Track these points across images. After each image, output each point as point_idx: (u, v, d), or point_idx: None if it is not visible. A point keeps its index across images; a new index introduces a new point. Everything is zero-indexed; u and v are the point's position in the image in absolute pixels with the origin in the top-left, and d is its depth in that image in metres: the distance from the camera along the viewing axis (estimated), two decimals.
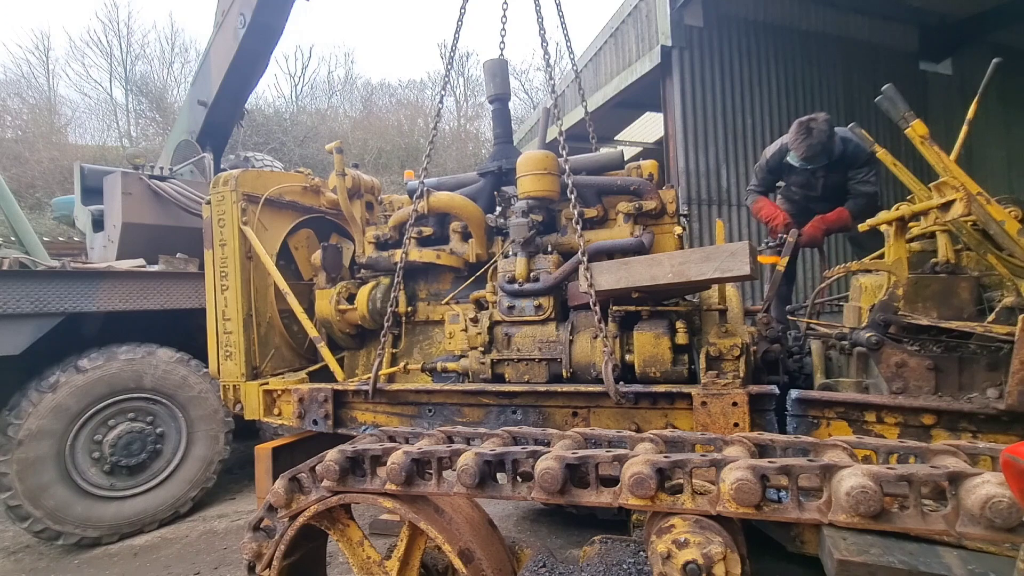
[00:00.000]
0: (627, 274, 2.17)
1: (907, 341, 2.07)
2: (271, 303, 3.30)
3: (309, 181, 3.56)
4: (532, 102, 26.01)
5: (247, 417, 3.10)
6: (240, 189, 3.12)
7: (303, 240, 3.62)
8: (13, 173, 14.00)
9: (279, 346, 3.36)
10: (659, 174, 2.74)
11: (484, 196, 3.03)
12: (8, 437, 3.34)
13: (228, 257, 3.11)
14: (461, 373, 2.72)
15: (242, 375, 3.09)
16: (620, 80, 9.82)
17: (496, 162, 3.02)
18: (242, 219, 3.11)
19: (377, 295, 3.12)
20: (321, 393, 2.79)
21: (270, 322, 3.30)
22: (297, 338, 3.43)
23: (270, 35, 5.32)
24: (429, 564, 1.98)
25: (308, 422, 2.83)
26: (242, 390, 3.09)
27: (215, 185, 3.18)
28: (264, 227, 3.26)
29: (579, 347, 2.46)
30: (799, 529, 2.01)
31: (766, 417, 2.11)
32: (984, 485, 1.17)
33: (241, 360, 3.09)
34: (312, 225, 3.66)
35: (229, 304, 3.11)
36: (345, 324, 3.22)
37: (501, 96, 3.09)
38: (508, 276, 2.62)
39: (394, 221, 3.15)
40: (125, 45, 21.85)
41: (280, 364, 3.35)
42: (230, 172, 3.17)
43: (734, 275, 1.99)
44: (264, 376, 3.19)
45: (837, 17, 10.22)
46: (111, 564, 3.40)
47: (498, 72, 3.06)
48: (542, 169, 2.59)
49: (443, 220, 3.11)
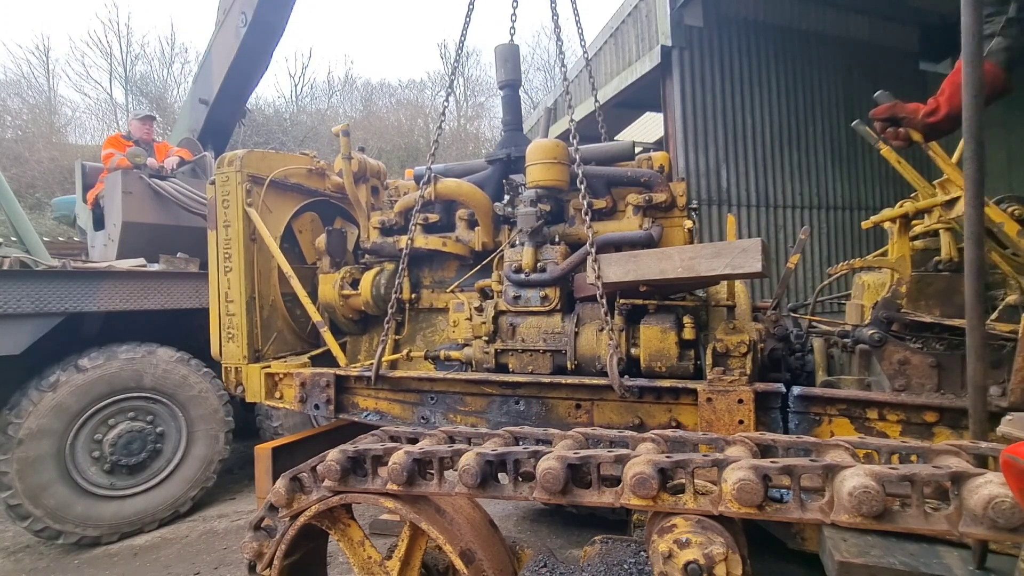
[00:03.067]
0: (636, 267, 2.15)
1: (910, 339, 2.07)
2: (274, 286, 3.27)
3: (314, 164, 3.53)
4: (532, 102, 26.00)
5: (248, 399, 3.07)
6: (245, 170, 3.09)
7: (307, 223, 3.59)
8: (13, 173, 14.00)
9: (281, 329, 3.34)
10: (670, 166, 2.71)
11: (492, 184, 2.99)
12: (8, 436, 3.34)
13: (232, 238, 3.08)
14: (464, 362, 2.70)
15: (244, 358, 3.08)
16: (620, 80, 9.82)
17: (505, 149, 2.98)
18: (247, 200, 3.08)
19: (381, 281, 3.10)
20: (323, 378, 2.78)
21: (273, 305, 3.28)
22: (300, 322, 3.41)
23: (271, 34, 5.32)
24: (430, 564, 1.97)
25: (310, 406, 2.81)
26: (244, 372, 3.07)
27: (220, 165, 3.14)
28: (268, 209, 3.23)
29: (584, 339, 2.44)
30: (800, 526, 2.01)
31: (771, 415, 2.10)
32: (987, 485, 1.17)
33: (243, 342, 3.07)
34: (317, 208, 3.64)
35: (232, 286, 3.08)
36: (348, 309, 3.20)
37: (512, 82, 3.03)
38: (515, 266, 2.59)
39: (400, 207, 3.11)
40: (125, 45, 21.87)
41: (282, 347, 3.33)
42: (235, 152, 3.13)
43: (745, 272, 1.97)
44: (266, 359, 3.17)
45: (837, 17, 10.22)
46: (111, 564, 3.40)
47: (510, 58, 3.00)
48: (552, 158, 2.56)
49: (449, 207, 3.07)
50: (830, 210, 10.27)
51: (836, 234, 10.33)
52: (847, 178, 10.40)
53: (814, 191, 10.09)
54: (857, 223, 9.92)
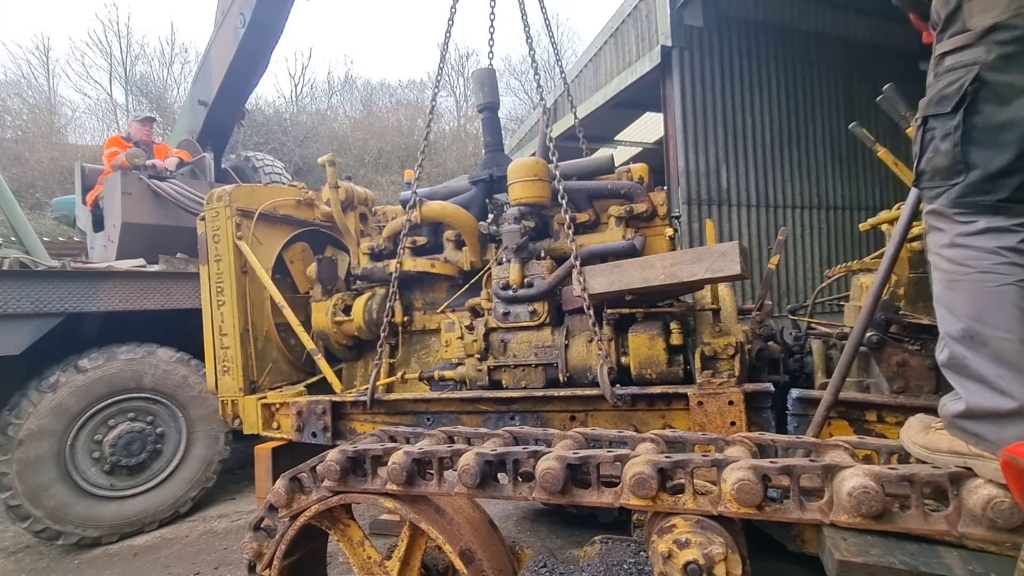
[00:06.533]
0: (620, 277, 2.18)
1: (908, 341, 2.07)
2: (267, 317, 3.30)
3: (303, 195, 3.57)
4: (532, 102, 26.02)
5: (246, 432, 3.08)
6: (234, 204, 3.12)
7: (298, 253, 3.62)
8: (13, 173, 14.00)
9: (276, 360, 3.35)
10: (650, 177, 2.74)
11: (476, 204, 3.03)
12: (8, 437, 3.34)
13: (224, 272, 3.11)
14: (459, 381, 2.72)
15: (240, 390, 3.09)
16: (620, 80, 9.82)
17: (487, 170, 3.03)
18: (237, 234, 3.11)
19: (373, 306, 3.12)
20: (319, 405, 2.79)
21: (267, 336, 3.30)
22: (294, 351, 3.43)
23: (270, 35, 5.32)
24: (430, 564, 1.98)
25: (307, 435, 2.82)
26: (240, 405, 3.09)
27: (209, 201, 3.18)
28: (259, 241, 3.26)
29: (575, 351, 2.46)
30: (800, 528, 2.01)
31: (763, 415, 2.11)
32: (986, 486, 1.17)
33: (239, 375, 3.09)
34: (307, 238, 3.66)
35: (225, 319, 3.11)
36: (342, 336, 3.22)
37: (491, 105, 3.11)
38: (502, 282, 2.62)
39: (388, 232, 3.15)
40: (125, 45, 21.87)
41: (278, 378, 3.35)
42: (224, 188, 3.17)
43: (725, 275, 2.00)
44: (262, 390, 3.18)
45: (837, 17, 10.23)
46: (111, 564, 3.40)
47: (487, 81, 3.08)
48: (532, 175, 2.59)
49: (436, 229, 3.11)
50: (830, 210, 10.28)
51: (836, 234, 10.34)
52: (847, 178, 10.42)
53: (814, 191, 10.10)
54: (857, 223, 9.91)
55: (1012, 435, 1.14)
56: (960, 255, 1.26)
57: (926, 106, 1.33)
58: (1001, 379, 1.19)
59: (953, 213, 1.28)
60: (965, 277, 1.25)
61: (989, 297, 1.21)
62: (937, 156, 1.29)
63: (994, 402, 1.19)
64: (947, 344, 1.30)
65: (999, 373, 1.19)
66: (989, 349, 1.21)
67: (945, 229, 1.31)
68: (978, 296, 1.23)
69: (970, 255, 1.24)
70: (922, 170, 1.35)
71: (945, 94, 1.26)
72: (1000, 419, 1.18)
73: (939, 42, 1.32)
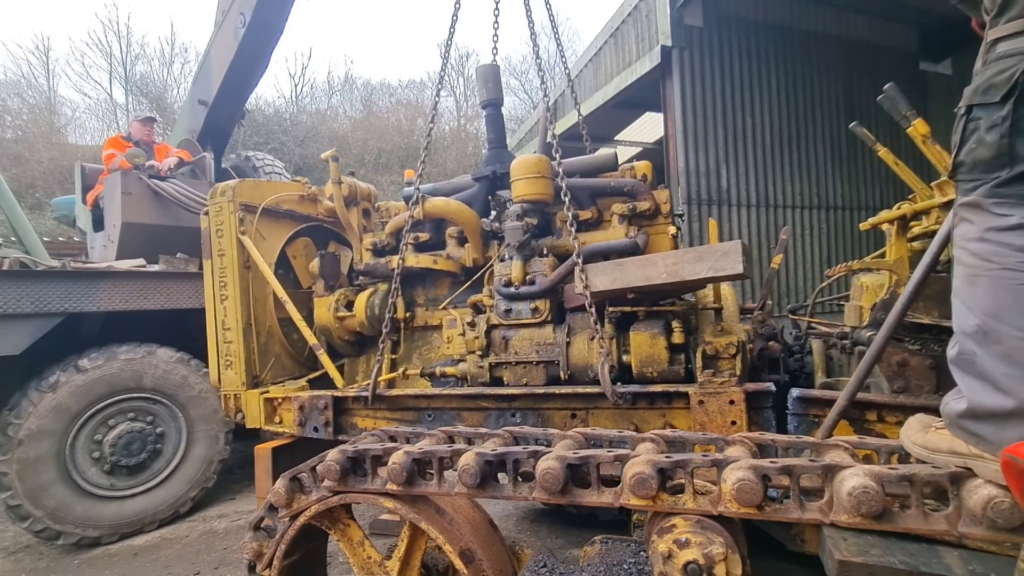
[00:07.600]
0: (622, 275, 2.18)
1: (908, 340, 2.07)
2: (270, 312, 3.30)
3: (306, 190, 3.57)
4: (532, 102, 26.01)
5: (248, 426, 3.11)
6: (237, 199, 3.13)
7: (301, 249, 3.62)
8: (13, 173, 13.99)
9: (279, 354, 3.37)
10: (653, 175, 2.74)
11: (479, 201, 3.04)
12: (8, 437, 3.34)
13: (227, 267, 3.12)
14: (460, 377, 2.73)
15: (243, 384, 3.11)
16: (620, 80, 9.82)
17: (490, 167, 3.03)
18: (240, 229, 3.12)
19: (375, 301, 3.13)
20: (321, 400, 2.80)
21: (270, 331, 3.31)
22: (297, 346, 3.44)
23: (270, 34, 5.32)
24: (430, 564, 1.98)
25: (309, 429, 2.83)
26: (243, 399, 3.10)
27: (212, 196, 3.19)
28: (262, 236, 3.27)
29: (576, 349, 2.46)
30: (799, 528, 2.01)
31: (763, 415, 2.11)
32: (986, 485, 1.17)
33: (241, 369, 3.11)
34: (310, 233, 3.67)
35: (228, 314, 3.12)
36: (344, 331, 3.23)
37: (494, 102, 3.11)
38: (504, 280, 2.62)
39: (390, 228, 3.16)
40: (125, 45, 21.85)
41: (280, 372, 3.36)
42: (227, 183, 3.18)
43: (727, 274, 2.00)
44: (264, 384, 3.20)
45: (837, 17, 10.23)
46: (111, 564, 3.40)
47: (491, 78, 3.07)
48: (535, 173, 2.60)
49: (439, 226, 3.12)
50: (830, 210, 10.28)
51: (836, 234, 10.34)
52: (847, 178, 10.42)
53: (814, 191, 10.10)
54: (857, 223, 9.92)
55: (1012, 436, 1.14)
56: (985, 250, 1.23)
57: (971, 94, 1.25)
58: (1007, 378, 1.17)
59: (990, 203, 1.22)
60: (987, 272, 1.21)
61: (1009, 294, 1.18)
62: (980, 147, 1.22)
63: (996, 402, 1.18)
64: (959, 339, 1.28)
65: (1007, 372, 1.17)
66: (1001, 347, 1.18)
67: (975, 222, 1.26)
68: (998, 292, 1.20)
69: (996, 251, 1.21)
70: (961, 161, 1.28)
71: (994, 83, 1.19)
72: (1001, 419, 1.17)
73: (992, 27, 1.25)
